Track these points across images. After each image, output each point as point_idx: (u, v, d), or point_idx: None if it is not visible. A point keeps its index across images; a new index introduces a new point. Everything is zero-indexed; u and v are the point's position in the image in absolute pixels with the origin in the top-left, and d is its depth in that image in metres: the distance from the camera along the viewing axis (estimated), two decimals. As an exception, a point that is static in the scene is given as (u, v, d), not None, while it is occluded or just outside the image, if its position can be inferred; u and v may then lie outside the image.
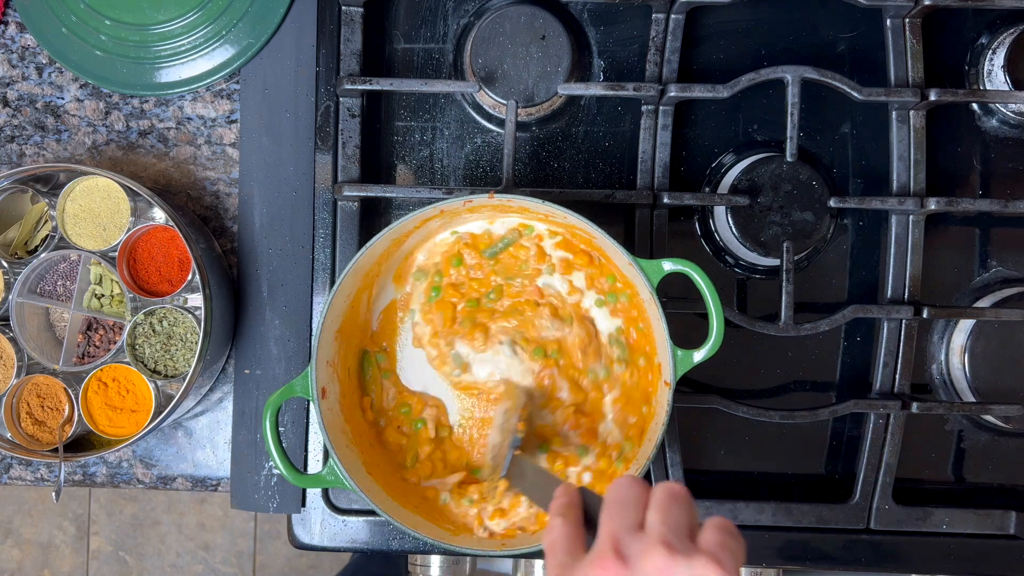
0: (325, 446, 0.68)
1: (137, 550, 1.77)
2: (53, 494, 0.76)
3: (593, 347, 0.71)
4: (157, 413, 0.75)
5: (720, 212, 0.76)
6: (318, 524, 0.78)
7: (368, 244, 0.66)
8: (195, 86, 0.80)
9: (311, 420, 0.78)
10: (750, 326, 0.74)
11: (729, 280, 0.80)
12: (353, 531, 0.78)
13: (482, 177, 0.80)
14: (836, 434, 0.79)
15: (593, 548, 0.47)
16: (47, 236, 0.77)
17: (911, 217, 0.76)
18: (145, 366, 0.76)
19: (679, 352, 0.65)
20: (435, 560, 0.82)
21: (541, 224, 0.71)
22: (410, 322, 0.73)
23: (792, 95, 0.74)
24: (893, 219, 0.77)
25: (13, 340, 0.76)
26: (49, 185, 0.78)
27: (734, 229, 0.75)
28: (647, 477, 0.76)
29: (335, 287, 0.66)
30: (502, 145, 0.79)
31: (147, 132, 0.82)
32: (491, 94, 0.76)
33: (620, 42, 0.80)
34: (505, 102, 0.75)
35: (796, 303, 0.74)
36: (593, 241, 0.68)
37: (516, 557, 0.82)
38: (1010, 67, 0.76)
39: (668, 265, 0.66)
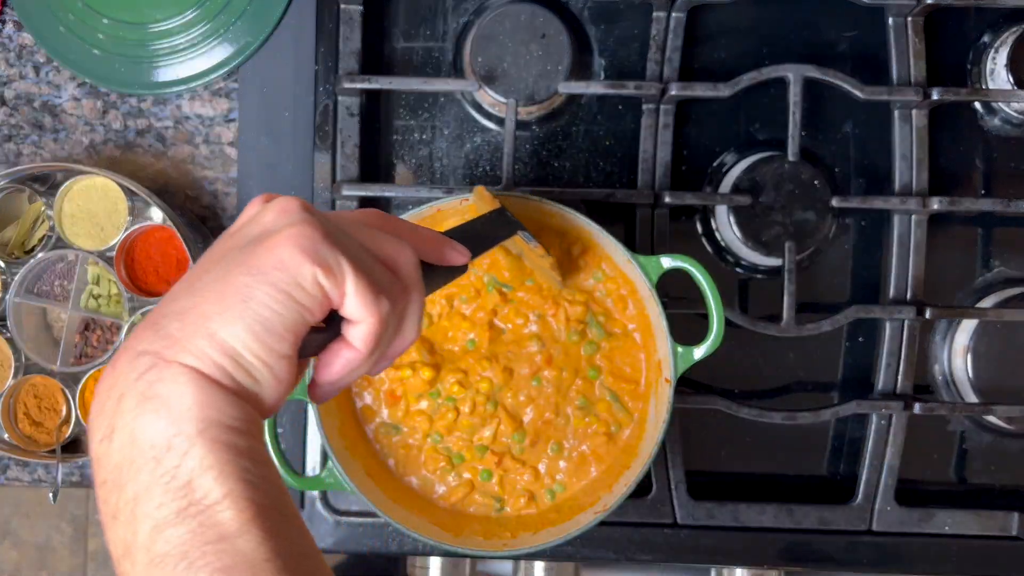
0: (323, 448, 0.68)
1: (135, 551, 1.76)
2: (51, 495, 0.76)
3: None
4: (155, 414, 0.75)
5: (721, 212, 0.76)
6: (316, 526, 0.78)
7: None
8: (193, 85, 0.80)
9: (309, 421, 0.78)
10: (752, 326, 0.74)
11: (731, 280, 0.79)
12: (352, 533, 0.77)
13: (482, 176, 0.80)
14: (838, 435, 0.79)
15: None
16: (44, 236, 0.77)
17: (913, 217, 0.76)
18: (143, 367, 0.76)
19: (680, 349, 0.65)
20: (435, 561, 0.82)
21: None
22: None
23: (794, 94, 0.74)
24: (895, 219, 0.76)
25: (10, 340, 0.76)
26: (46, 184, 0.78)
27: (736, 229, 0.74)
28: (647, 477, 0.75)
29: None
30: (502, 144, 0.79)
31: (145, 131, 0.82)
32: (491, 93, 0.75)
33: (621, 40, 0.79)
34: (505, 101, 0.74)
35: (798, 303, 0.73)
36: (592, 238, 0.68)
37: (516, 559, 0.82)
38: (1013, 66, 0.76)
39: (667, 261, 0.66)
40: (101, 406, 0.41)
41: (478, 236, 0.56)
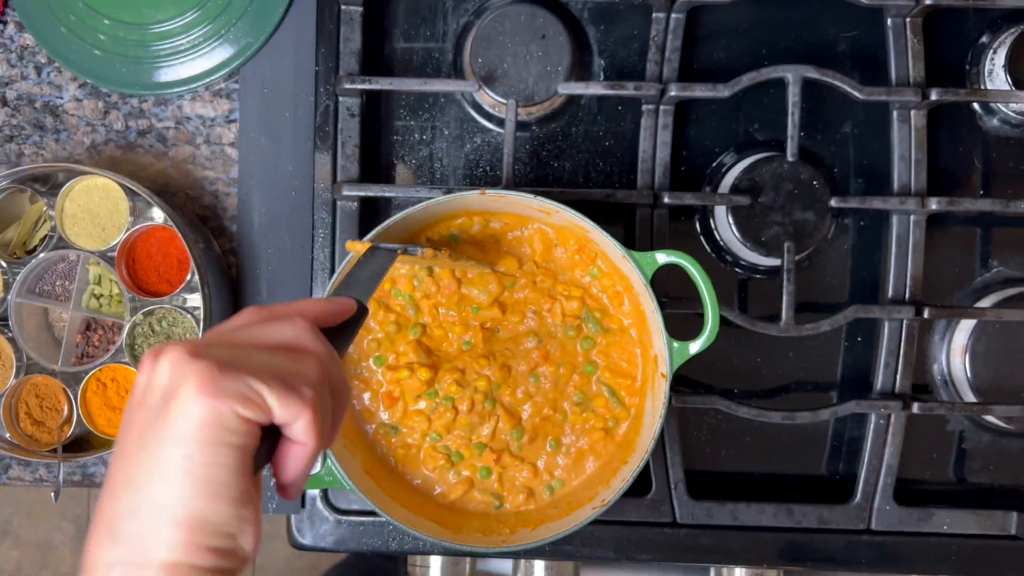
0: (324, 446, 0.68)
1: (136, 551, 1.76)
2: (52, 495, 0.76)
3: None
4: (156, 413, 0.75)
5: (721, 212, 0.76)
6: (317, 525, 0.78)
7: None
8: (194, 85, 0.80)
9: (310, 420, 0.78)
10: (751, 326, 0.74)
11: (730, 280, 0.79)
12: (352, 532, 0.78)
13: (482, 177, 0.80)
14: (837, 435, 0.79)
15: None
16: (46, 236, 0.77)
17: (912, 217, 0.76)
18: (144, 366, 0.76)
19: (675, 344, 0.65)
20: (435, 561, 0.82)
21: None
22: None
23: (793, 94, 0.74)
24: (894, 219, 0.77)
25: (12, 340, 0.76)
26: (48, 185, 0.78)
27: (735, 229, 0.75)
28: (647, 476, 0.76)
29: (326, 294, 0.66)
30: (502, 145, 0.79)
31: (146, 131, 0.82)
32: (491, 93, 0.75)
33: (620, 41, 0.79)
34: (505, 101, 0.75)
35: (797, 303, 0.74)
36: (588, 235, 0.68)
37: (515, 555, 0.82)
38: (1011, 66, 0.76)
39: (662, 257, 0.66)
40: None
41: (360, 281, 0.57)
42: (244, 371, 0.42)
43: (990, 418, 0.78)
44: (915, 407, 0.74)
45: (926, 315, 0.75)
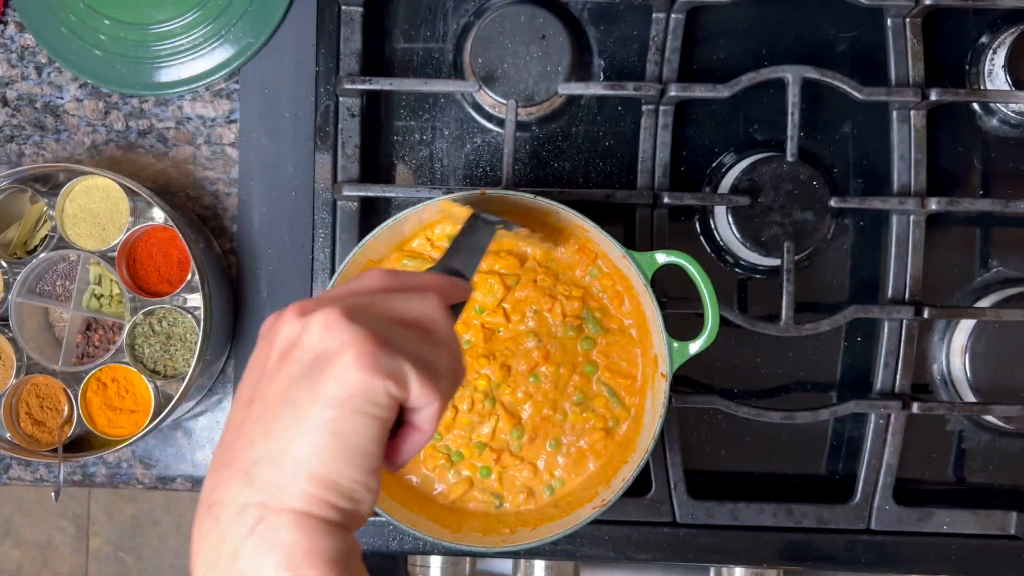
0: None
1: (136, 550, 1.77)
2: (52, 494, 0.76)
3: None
4: (156, 413, 0.75)
5: (720, 212, 0.76)
6: (318, 524, 0.78)
7: (356, 248, 0.67)
8: (194, 86, 0.80)
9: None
10: (751, 326, 0.74)
11: (730, 280, 0.80)
12: (353, 531, 0.78)
13: (482, 177, 0.80)
14: (837, 434, 0.79)
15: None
16: (46, 236, 0.77)
17: (912, 217, 0.76)
18: (144, 366, 0.76)
19: (675, 344, 0.65)
20: (435, 560, 0.82)
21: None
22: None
23: (793, 95, 0.74)
24: (894, 219, 0.77)
25: (12, 340, 0.76)
26: (48, 185, 0.78)
27: (734, 229, 0.75)
28: (647, 476, 0.76)
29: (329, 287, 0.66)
30: (502, 145, 0.79)
31: (146, 132, 0.82)
32: (491, 94, 0.76)
33: (620, 41, 0.80)
34: (505, 102, 0.75)
35: (797, 303, 0.74)
36: (588, 235, 0.68)
37: (515, 555, 0.82)
38: (1011, 67, 0.76)
39: (661, 257, 0.66)
40: (213, 561, 0.41)
41: (462, 253, 0.56)
42: (398, 351, 0.43)
43: (990, 418, 0.78)
44: (915, 407, 0.74)
45: (926, 315, 0.75)
